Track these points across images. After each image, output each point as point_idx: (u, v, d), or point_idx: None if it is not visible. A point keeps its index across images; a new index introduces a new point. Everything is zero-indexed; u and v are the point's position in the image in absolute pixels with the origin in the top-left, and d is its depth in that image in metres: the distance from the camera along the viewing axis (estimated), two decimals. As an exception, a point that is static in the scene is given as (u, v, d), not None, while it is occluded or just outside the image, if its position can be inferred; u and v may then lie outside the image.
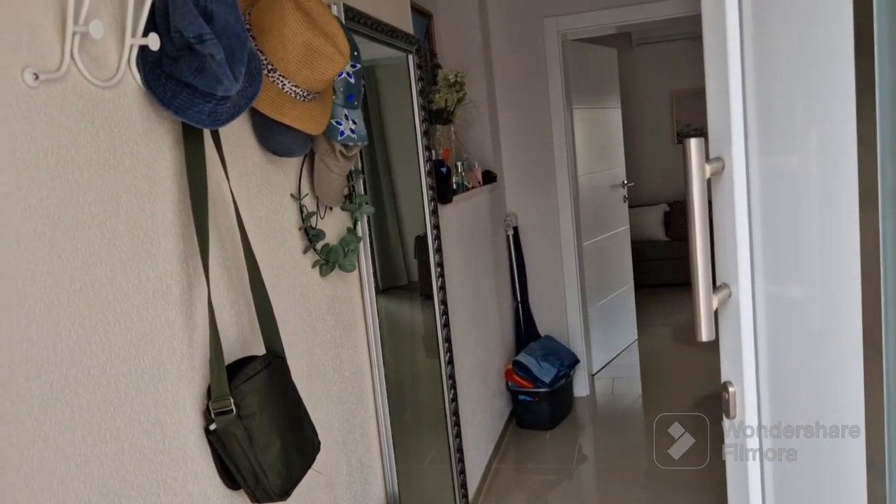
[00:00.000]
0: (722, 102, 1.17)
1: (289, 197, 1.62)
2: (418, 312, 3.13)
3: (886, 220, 0.89)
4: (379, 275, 2.83)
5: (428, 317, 2.77)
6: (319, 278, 1.73)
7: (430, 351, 2.80)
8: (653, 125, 7.24)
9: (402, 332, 3.16)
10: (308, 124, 1.49)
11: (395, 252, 2.95)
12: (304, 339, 1.64)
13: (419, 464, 3.01)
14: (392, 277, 2.94)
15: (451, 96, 3.07)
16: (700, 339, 1.16)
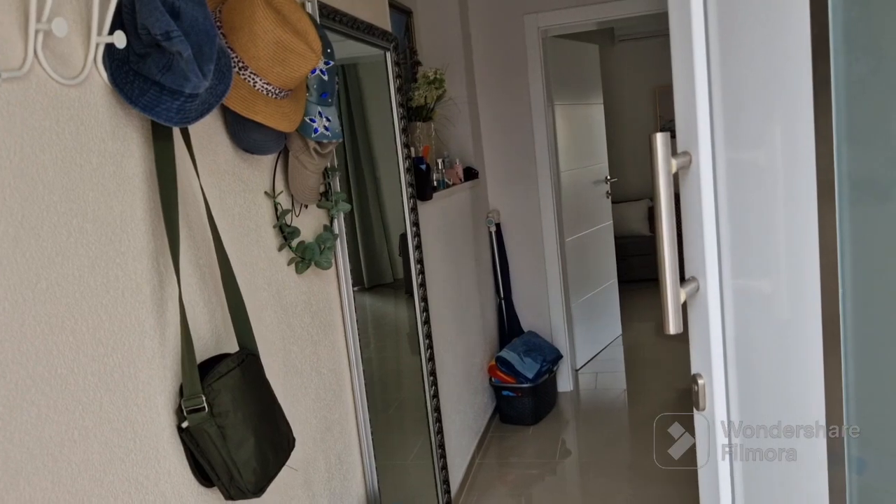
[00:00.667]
0: (688, 97, 1.18)
1: (263, 194, 1.62)
2: (403, 309, 3.13)
3: (843, 213, 0.90)
4: (364, 272, 2.84)
5: (412, 314, 2.77)
6: (295, 276, 1.73)
7: (416, 348, 2.81)
8: (635, 121, 7.27)
9: (387, 329, 3.16)
10: (280, 122, 1.49)
11: (380, 250, 2.95)
12: (280, 337, 1.64)
13: (403, 460, 3.02)
14: (377, 275, 2.94)
15: (431, 93, 3.07)
16: (668, 331, 1.17)
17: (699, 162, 1.17)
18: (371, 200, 2.89)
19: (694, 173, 1.19)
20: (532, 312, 4.21)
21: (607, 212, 5.05)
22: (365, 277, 2.86)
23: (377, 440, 2.03)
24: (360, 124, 2.86)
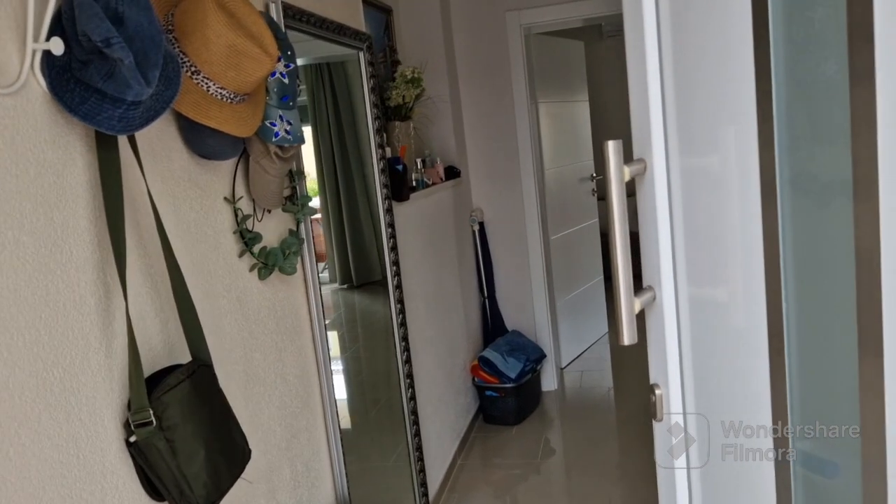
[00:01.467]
0: (642, 103, 1.16)
1: (222, 200, 1.59)
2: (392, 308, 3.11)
3: (785, 218, 0.88)
4: (353, 270, 2.81)
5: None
6: (258, 282, 1.71)
7: None
8: (622, 117, 7.23)
9: (377, 327, 3.14)
10: (236, 127, 1.46)
11: (369, 247, 2.93)
12: (241, 345, 1.62)
13: (385, 462, 3.00)
14: (366, 273, 2.92)
15: (409, 93, 3.04)
16: (622, 342, 1.16)
17: (653, 169, 1.15)
18: (360, 198, 2.86)
19: (649, 180, 1.17)
20: (516, 311, 4.19)
21: (593, 209, 5.02)
22: (354, 275, 2.84)
23: (358, 444, 2.00)
24: (347, 120, 2.82)
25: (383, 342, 3.17)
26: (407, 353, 2.64)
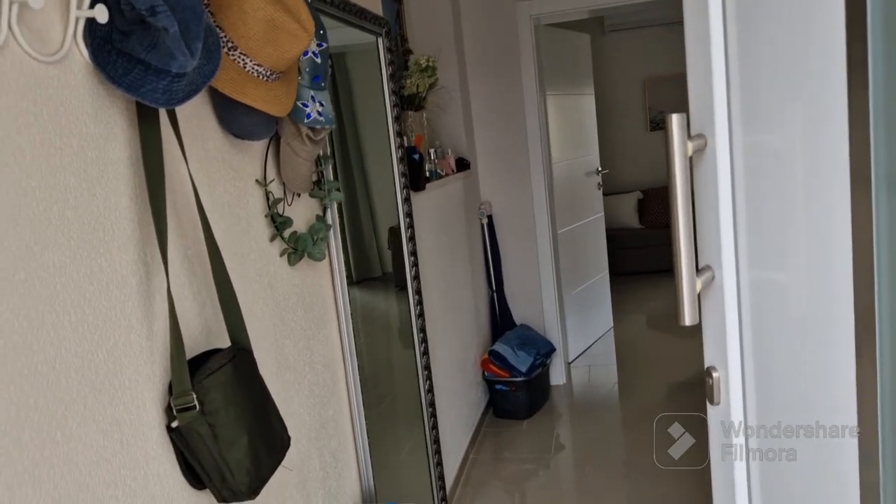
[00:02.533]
0: (704, 75, 1.13)
1: (254, 182, 1.55)
2: (393, 304, 3.09)
3: (880, 203, 0.85)
4: (353, 266, 2.78)
5: (403, 308, 2.72)
6: (288, 268, 1.67)
7: (406, 342, 2.76)
8: (625, 112, 7.24)
9: (377, 324, 3.11)
10: (272, 105, 1.42)
11: (368, 243, 2.90)
12: (272, 331, 1.58)
13: (396, 455, 2.97)
14: (366, 269, 2.89)
15: (423, 81, 3.01)
16: (683, 322, 1.13)
17: (715, 145, 1.12)
18: (360, 193, 2.83)
19: (709, 157, 1.14)
20: (524, 305, 4.16)
21: (599, 203, 5.00)
22: (353, 271, 2.82)
23: (371, 435, 1.97)
24: (348, 115, 2.80)
25: (385, 338, 3.14)
26: (425, 346, 2.60)
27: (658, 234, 6.77)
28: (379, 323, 3.14)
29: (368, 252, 2.90)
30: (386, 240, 2.86)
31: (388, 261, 2.87)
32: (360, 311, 3.09)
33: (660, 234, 6.76)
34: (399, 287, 2.78)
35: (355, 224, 2.82)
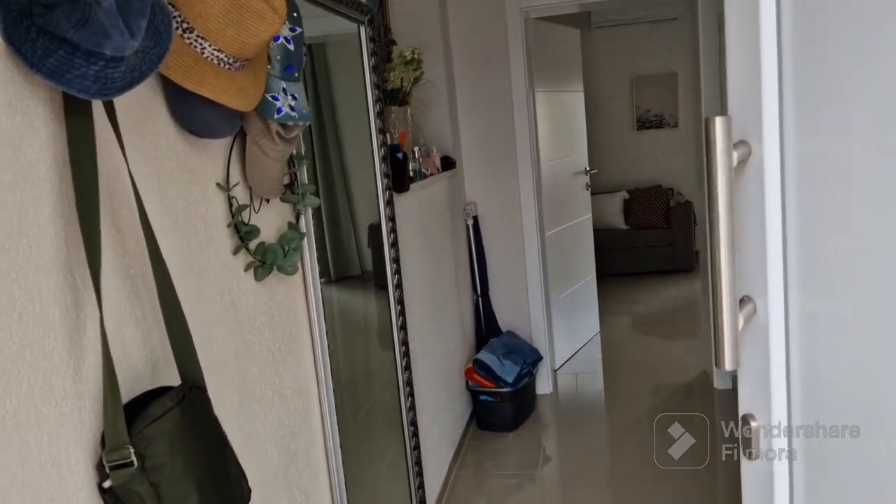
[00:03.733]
0: (749, 69, 0.94)
1: (214, 187, 1.34)
2: (372, 304, 2.94)
3: None
4: (331, 264, 2.62)
5: (382, 308, 2.55)
6: (254, 283, 1.46)
7: (386, 343, 2.60)
8: (612, 111, 7.08)
9: (355, 325, 2.96)
10: (235, 98, 1.21)
11: (346, 240, 2.77)
12: (234, 358, 1.37)
13: (375, 470, 2.78)
14: (344, 267, 2.76)
15: (408, 75, 2.81)
16: (723, 368, 0.94)
17: (763, 153, 0.93)
18: (338, 189, 2.68)
19: (755, 167, 0.95)
20: (510, 310, 3.97)
21: (587, 204, 4.84)
22: (331, 269, 2.67)
23: (345, 451, 1.78)
24: (327, 108, 2.62)
25: (364, 340, 2.98)
26: (407, 360, 2.41)
27: (644, 236, 6.63)
28: (357, 324, 2.97)
29: (347, 250, 2.76)
30: (366, 237, 2.72)
31: (368, 259, 2.74)
32: (338, 312, 2.93)
33: (645, 236, 6.62)
34: (379, 286, 2.64)
35: (334, 221, 2.67)
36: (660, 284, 6.35)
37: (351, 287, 2.90)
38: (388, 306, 2.40)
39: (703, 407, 3.67)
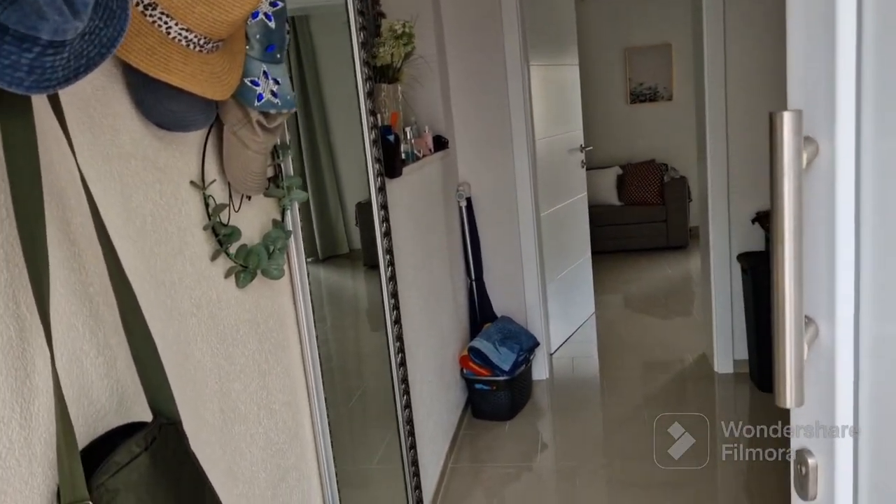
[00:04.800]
0: (820, 54, 0.79)
1: (187, 186, 1.18)
2: (362, 283, 2.83)
3: None
4: (318, 243, 2.50)
5: (372, 288, 2.45)
6: (236, 290, 1.31)
7: (376, 324, 2.49)
8: (605, 84, 6.91)
9: (345, 305, 2.85)
10: (208, 85, 1.05)
11: (335, 219, 2.66)
12: (215, 376, 1.23)
13: (368, 464, 2.67)
14: (332, 246, 2.66)
15: (399, 50, 2.63)
16: (783, 405, 0.81)
17: (834, 154, 0.79)
18: (325, 167, 2.55)
19: (823, 170, 0.81)
20: (505, 295, 3.84)
21: (582, 182, 4.69)
22: (319, 249, 2.56)
23: (336, 444, 1.65)
24: (312, 85, 2.46)
25: (353, 321, 2.86)
26: (402, 356, 2.27)
27: (637, 212, 6.51)
28: (347, 304, 2.86)
29: (335, 228, 2.66)
30: (353, 215, 2.59)
31: (356, 237, 2.63)
32: (326, 292, 2.82)
33: (639, 212, 6.50)
34: (368, 266, 2.54)
35: (321, 199, 2.56)
36: (653, 262, 6.25)
37: (339, 266, 2.78)
38: (381, 300, 2.26)
39: (705, 393, 3.58)
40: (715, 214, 3.58)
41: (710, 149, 3.49)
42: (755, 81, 3.35)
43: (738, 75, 3.38)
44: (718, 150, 3.47)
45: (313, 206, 2.52)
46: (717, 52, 3.37)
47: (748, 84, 3.37)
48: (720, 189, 3.53)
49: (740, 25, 3.32)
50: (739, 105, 3.40)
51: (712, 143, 3.47)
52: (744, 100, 3.39)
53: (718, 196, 3.54)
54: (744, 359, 3.67)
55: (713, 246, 3.62)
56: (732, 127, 3.44)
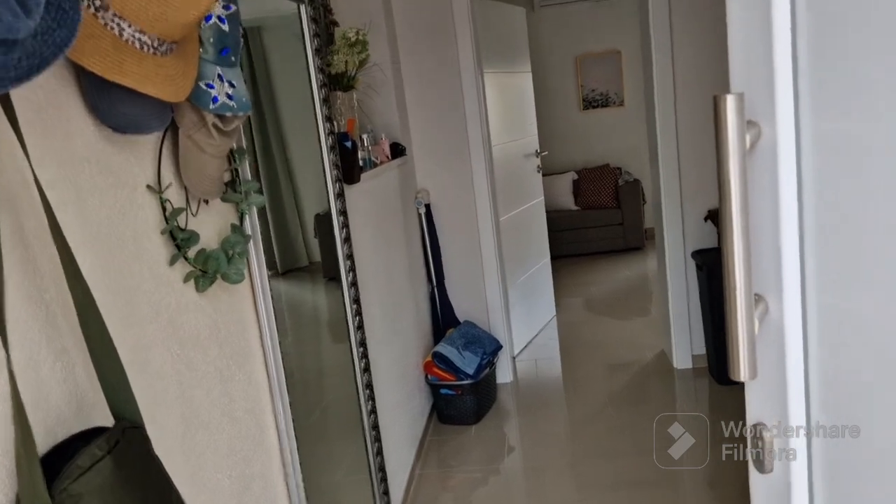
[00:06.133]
0: (757, 36, 0.83)
1: (144, 190, 1.17)
2: (322, 296, 2.81)
3: None
4: (277, 257, 2.48)
5: (333, 301, 2.44)
6: (196, 296, 1.30)
7: (338, 336, 2.48)
8: (558, 91, 7.01)
9: (306, 318, 2.83)
10: (162, 88, 1.05)
11: (293, 232, 2.64)
12: (176, 382, 1.21)
13: (332, 475, 2.65)
14: (292, 259, 2.64)
15: (353, 58, 2.64)
16: (738, 378, 0.84)
17: (776, 136, 0.83)
18: (282, 179, 2.53)
19: (766, 150, 0.85)
20: (467, 300, 3.87)
21: (539, 187, 4.75)
22: (278, 262, 2.54)
23: (302, 458, 1.64)
24: (266, 96, 2.45)
25: (315, 335, 2.85)
26: (366, 361, 2.27)
27: (593, 216, 6.61)
28: (307, 318, 2.84)
29: (294, 241, 2.64)
30: (312, 227, 2.59)
31: (315, 249, 2.62)
32: (287, 306, 2.80)
33: (595, 216, 6.60)
34: (329, 278, 2.52)
35: (278, 212, 2.54)
36: (611, 264, 6.35)
37: (299, 279, 2.76)
38: (343, 306, 2.26)
39: (666, 389, 3.64)
40: (669, 215, 3.66)
41: (661, 152, 3.57)
42: (702, 86, 3.45)
43: (686, 81, 3.47)
44: (669, 153, 3.56)
45: (271, 218, 2.51)
46: (664, 57, 3.46)
47: (695, 89, 3.47)
48: (672, 190, 3.61)
49: (686, 31, 3.42)
50: (687, 109, 3.49)
51: (663, 147, 3.56)
52: (691, 104, 3.48)
53: (671, 197, 3.63)
54: (702, 353, 3.75)
55: (668, 245, 3.70)
56: (682, 130, 3.53)
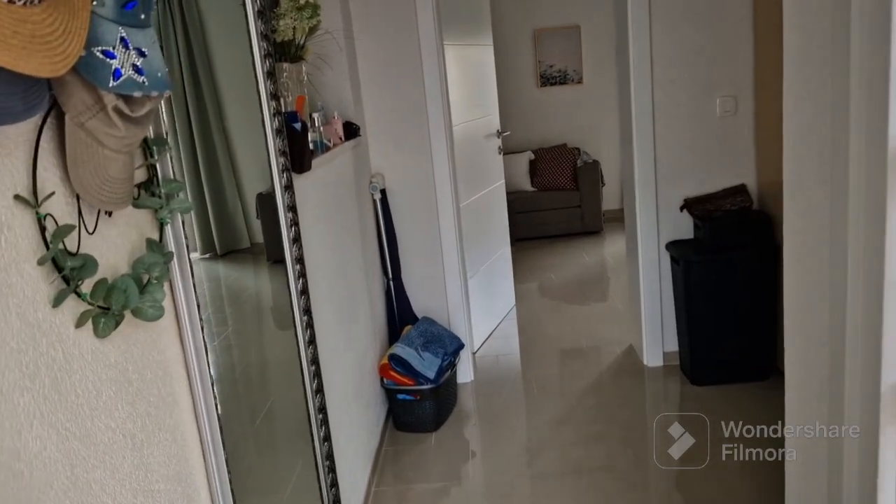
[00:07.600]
0: None
1: (11, 201, 0.82)
2: (266, 281, 2.52)
3: None
4: (216, 238, 2.17)
5: (277, 286, 2.16)
6: (95, 341, 0.95)
7: (283, 323, 2.19)
8: (515, 66, 6.71)
9: (247, 306, 2.51)
10: (27, 55, 0.69)
11: (233, 211, 2.32)
12: (65, 468, 0.87)
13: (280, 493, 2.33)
14: (232, 240, 2.32)
15: (302, 23, 2.27)
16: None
17: None
18: (221, 155, 2.18)
19: None
20: (426, 293, 3.55)
21: (500, 170, 4.45)
22: (217, 244, 2.22)
23: (241, 471, 1.33)
24: (203, 64, 2.08)
25: (257, 323, 2.53)
26: (318, 381, 1.94)
27: (550, 197, 6.37)
28: (249, 304, 2.52)
29: (233, 221, 2.31)
30: (254, 207, 2.27)
31: (257, 230, 2.31)
32: (226, 293, 2.48)
33: (552, 197, 6.36)
34: (272, 261, 2.28)
35: (217, 190, 2.21)
36: (569, 248, 6.13)
37: (240, 261, 2.45)
38: (291, 312, 1.92)
39: (636, 388, 3.43)
40: (642, 202, 3.41)
41: (636, 134, 3.31)
42: (682, 67, 3.19)
43: (664, 61, 3.20)
44: (645, 135, 3.30)
45: (209, 197, 2.18)
46: (642, 32, 3.18)
47: (674, 69, 3.20)
48: (647, 175, 3.36)
49: (664, 7, 3.15)
50: (666, 87, 3.23)
51: (638, 129, 3.29)
52: (670, 81, 3.22)
53: (646, 182, 3.37)
54: (674, 351, 3.54)
55: (641, 234, 3.45)
56: (659, 111, 3.27)
